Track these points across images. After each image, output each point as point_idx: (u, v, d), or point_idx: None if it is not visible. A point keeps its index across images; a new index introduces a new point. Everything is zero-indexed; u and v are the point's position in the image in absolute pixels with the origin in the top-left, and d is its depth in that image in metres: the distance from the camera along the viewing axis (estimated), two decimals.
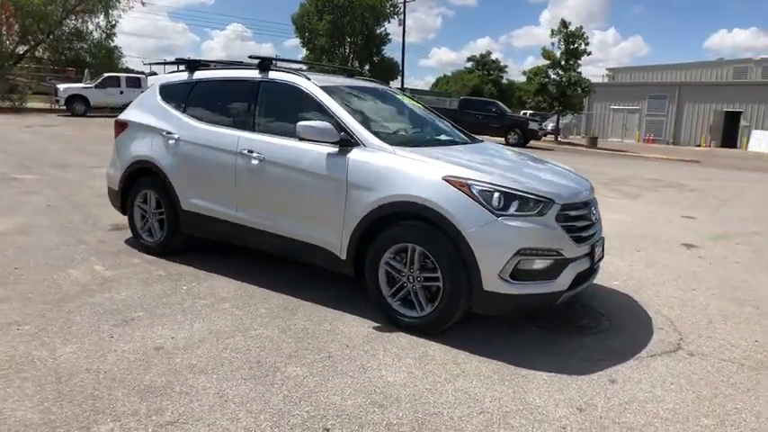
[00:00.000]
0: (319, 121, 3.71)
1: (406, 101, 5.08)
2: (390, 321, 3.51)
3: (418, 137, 4.61)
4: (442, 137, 4.56)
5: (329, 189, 3.68)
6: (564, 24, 23.92)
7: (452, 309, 3.27)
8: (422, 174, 3.39)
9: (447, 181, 3.28)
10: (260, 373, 2.89)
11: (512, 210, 3.19)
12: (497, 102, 25.43)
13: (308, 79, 4.10)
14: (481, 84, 65.06)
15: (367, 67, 55.76)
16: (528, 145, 21.98)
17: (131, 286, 4.05)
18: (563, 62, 24.30)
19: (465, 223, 3.15)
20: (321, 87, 4.01)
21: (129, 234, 5.22)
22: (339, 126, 3.72)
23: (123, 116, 5.16)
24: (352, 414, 2.56)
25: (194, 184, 4.45)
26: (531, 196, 3.24)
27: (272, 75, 4.28)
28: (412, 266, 3.39)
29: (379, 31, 54.86)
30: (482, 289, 3.15)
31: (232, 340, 3.26)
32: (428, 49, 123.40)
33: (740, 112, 32.37)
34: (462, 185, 3.24)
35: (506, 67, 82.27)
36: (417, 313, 3.40)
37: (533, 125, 23.68)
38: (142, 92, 5.83)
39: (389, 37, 54.60)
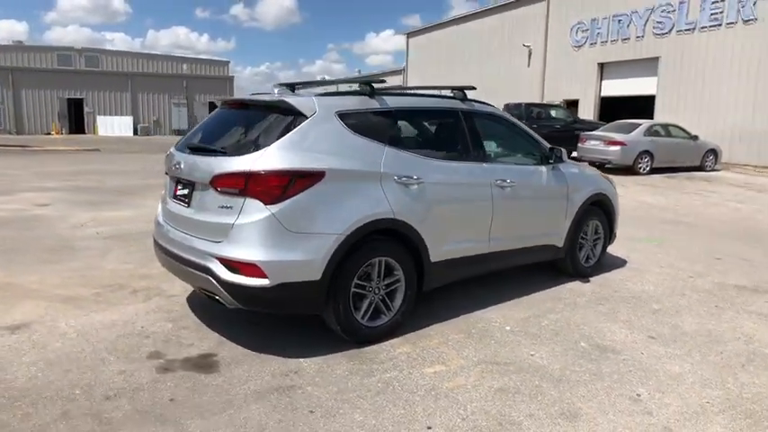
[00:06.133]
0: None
1: None
2: (584, 275, 5.20)
3: None
4: None
5: (558, 196, 4.80)
6: None
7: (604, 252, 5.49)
8: (596, 173, 5.30)
9: (602, 176, 5.37)
10: None
11: None
12: None
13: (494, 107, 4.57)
14: None
15: None
16: None
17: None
18: None
19: (614, 199, 5.41)
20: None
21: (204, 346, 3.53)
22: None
23: (300, 164, 3.17)
24: None
25: (447, 228, 3.90)
26: None
27: (476, 105, 4.33)
28: (593, 234, 5.26)
29: None
30: (614, 233, 5.56)
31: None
32: None
33: (82, 99, 33.96)
34: (606, 177, 5.45)
35: None
36: (591, 263, 5.33)
37: None
38: None
39: None
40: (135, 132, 34.82)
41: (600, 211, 5.31)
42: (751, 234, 7.71)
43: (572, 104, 24.61)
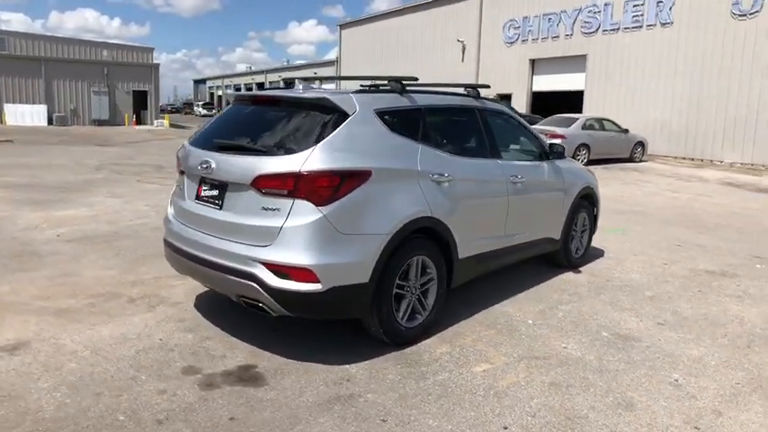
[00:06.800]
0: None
1: None
2: (575, 266, 5.41)
3: None
4: None
5: (558, 190, 4.96)
6: None
7: (589, 243, 5.74)
8: (584, 168, 5.57)
9: (588, 170, 5.59)
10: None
11: None
12: None
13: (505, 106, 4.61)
14: None
15: None
16: None
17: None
18: None
19: (598, 192, 5.65)
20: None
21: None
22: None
23: (349, 164, 3.08)
24: None
25: (473, 225, 3.93)
26: None
27: (488, 103, 4.34)
28: (581, 226, 5.47)
29: None
30: (597, 224, 5.82)
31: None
32: None
33: None
34: (590, 171, 5.68)
35: None
36: (580, 253, 5.55)
37: None
38: None
39: None
40: (50, 122, 31.89)
41: (587, 203, 5.54)
42: (694, 221, 8.37)
43: (505, 98, 25.44)
